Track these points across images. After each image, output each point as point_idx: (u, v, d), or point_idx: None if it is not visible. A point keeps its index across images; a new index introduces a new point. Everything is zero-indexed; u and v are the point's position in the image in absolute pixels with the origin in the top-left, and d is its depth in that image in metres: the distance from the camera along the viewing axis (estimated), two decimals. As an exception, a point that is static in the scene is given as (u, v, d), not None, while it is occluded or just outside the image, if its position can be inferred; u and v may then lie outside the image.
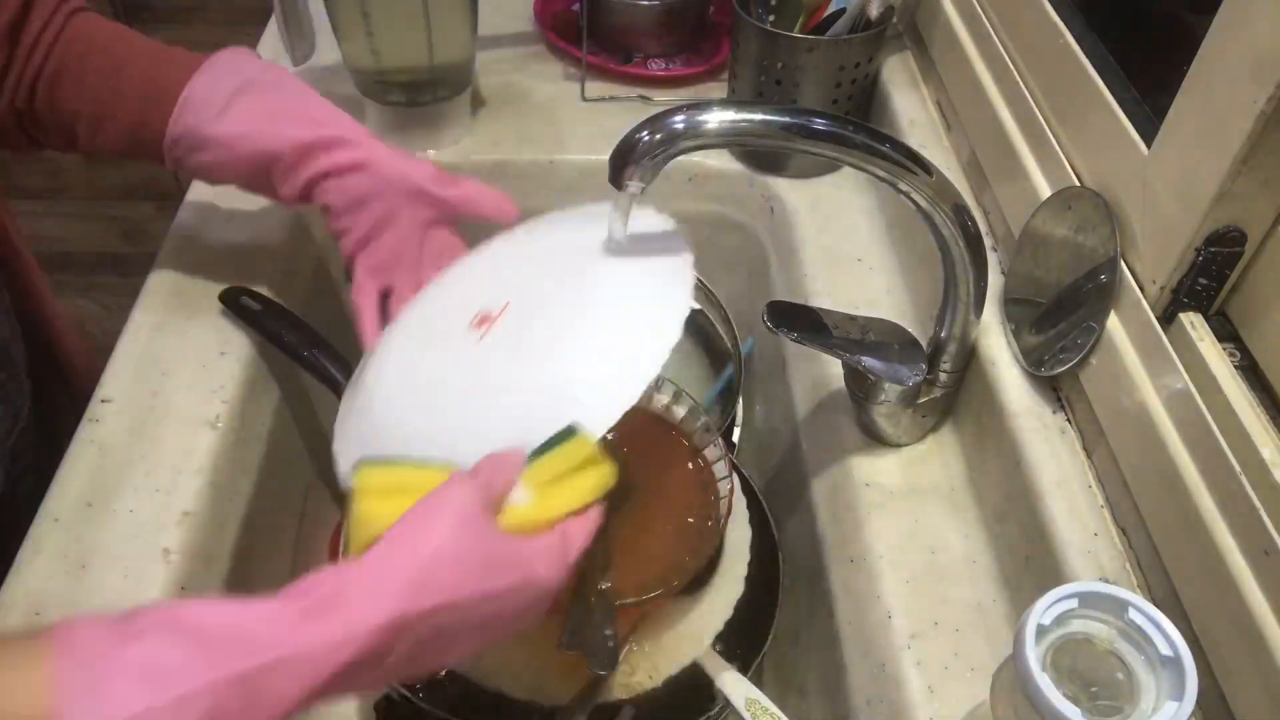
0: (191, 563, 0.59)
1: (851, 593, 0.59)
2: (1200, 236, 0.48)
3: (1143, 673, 0.38)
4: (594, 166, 0.86)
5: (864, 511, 0.61)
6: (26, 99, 0.62)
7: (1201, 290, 0.50)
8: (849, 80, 0.79)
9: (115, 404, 0.64)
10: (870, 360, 0.59)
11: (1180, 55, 0.49)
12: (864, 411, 0.63)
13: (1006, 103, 0.68)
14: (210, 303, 0.71)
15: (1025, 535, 0.55)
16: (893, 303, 0.74)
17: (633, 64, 0.96)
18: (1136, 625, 0.38)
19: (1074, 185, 0.59)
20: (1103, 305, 0.54)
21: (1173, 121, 0.50)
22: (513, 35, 1.00)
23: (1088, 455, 0.55)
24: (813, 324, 0.60)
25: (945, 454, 0.64)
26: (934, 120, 0.80)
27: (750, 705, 0.55)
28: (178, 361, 0.67)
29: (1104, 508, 0.53)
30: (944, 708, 0.51)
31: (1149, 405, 0.49)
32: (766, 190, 0.85)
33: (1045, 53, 0.64)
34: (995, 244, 0.68)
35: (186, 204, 0.79)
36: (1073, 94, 0.60)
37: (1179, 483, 0.46)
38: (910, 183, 0.51)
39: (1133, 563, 0.51)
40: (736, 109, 0.49)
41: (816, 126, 0.49)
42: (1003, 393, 0.58)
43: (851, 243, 0.79)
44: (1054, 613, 0.39)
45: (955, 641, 0.54)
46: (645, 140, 0.48)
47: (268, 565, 0.69)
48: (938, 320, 0.60)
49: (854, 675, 0.57)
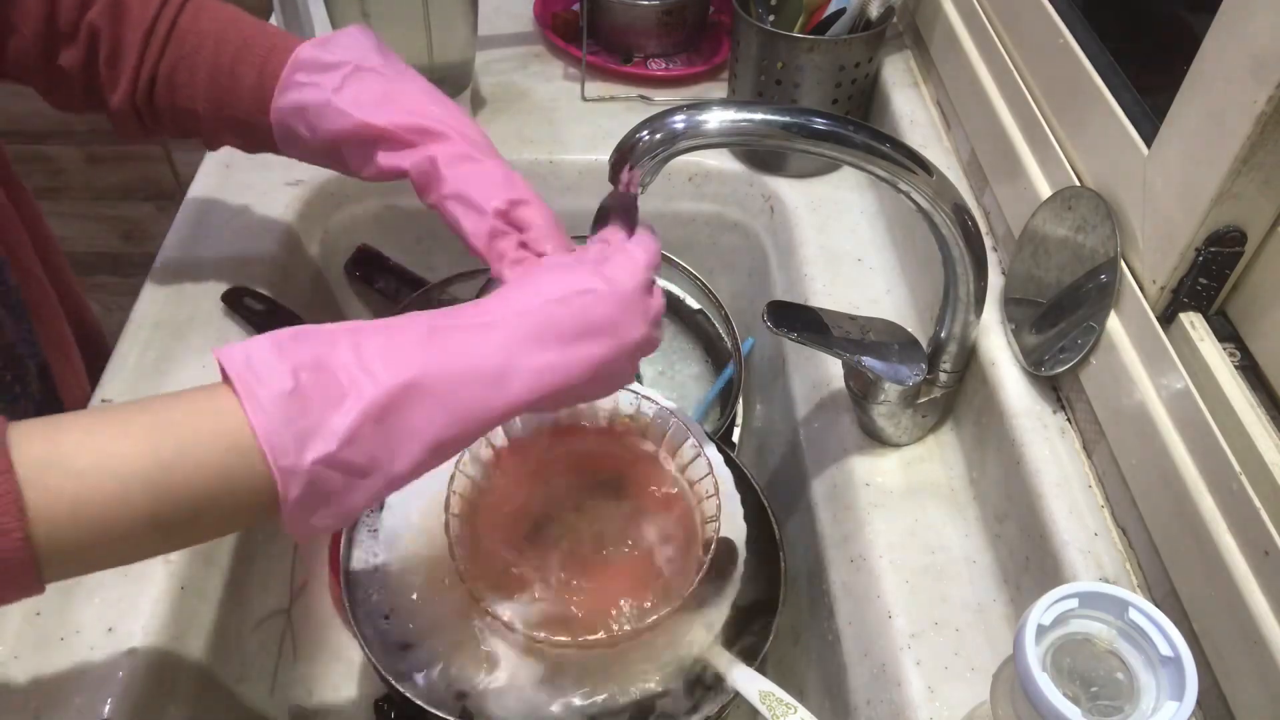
0: (192, 563, 0.59)
1: (851, 593, 0.59)
2: (1200, 236, 0.48)
3: (1143, 673, 0.38)
4: (594, 166, 0.86)
5: (864, 511, 0.61)
6: (146, 93, 0.61)
7: (1201, 290, 0.50)
8: (849, 80, 0.79)
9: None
10: (870, 360, 0.59)
11: (1180, 55, 0.49)
12: (864, 411, 0.63)
13: (1006, 103, 0.68)
14: (210, 303, 0.71)
15: (1025, 535, 0.55)
16: (893, 303, 0.74)
17: (633, 64, 0.96)
18: (1136, 625, 0.38)
19: (1074, 185, 0.59)
20: (1103, 305, 0.54)
21: (1173, 122, 0.50)
22: (513, 35, 1.00)
23: (1088, 455, 0.55)
24: (813, 324, 0.60)
25: (945, 454, 0.64)
26: (934, 120, 0.80)
27: (765, 698, 0.55)
28: (177, 361, 0.67)
29: (1104, 508, 0.53)
30: (944, 708, 0.51)
31: (1149, 405, 0.49)
32: (766, 190, 0.85)
33: (1045, 53, 0.64)
34: (995, 244, 0.68)
35: (186, 204, 0.79)
36: (1073, 94, 0.60)
37: (1179, 483, 0.46)
38: (910, 182, 0.51)
39: (1133, 563, 0.51)
40: (736, 109, 0.49)
41: (816, 126, 0.49)
42: (1003, 393, 0.58)
43: (851, 243, 0.79)
44: (1054, 613, 0.39)
45: (955, 641, 0.54)
46: (645, 140, 0.48)
47: (268, 565, 0.69)
48: (938, 320, 0.60)
49: (854, 675, 0.57)
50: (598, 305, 0.46)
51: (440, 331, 0.43)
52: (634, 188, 0.51)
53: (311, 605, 0.75)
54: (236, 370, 0.39)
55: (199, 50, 0.60)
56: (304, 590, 0.75)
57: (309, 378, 0.39)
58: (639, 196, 0.51)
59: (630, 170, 0.50)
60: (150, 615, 0.55)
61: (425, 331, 0.43)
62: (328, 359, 0.40)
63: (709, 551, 0.57)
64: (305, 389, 0.39)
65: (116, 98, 0.61)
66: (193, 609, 0.58)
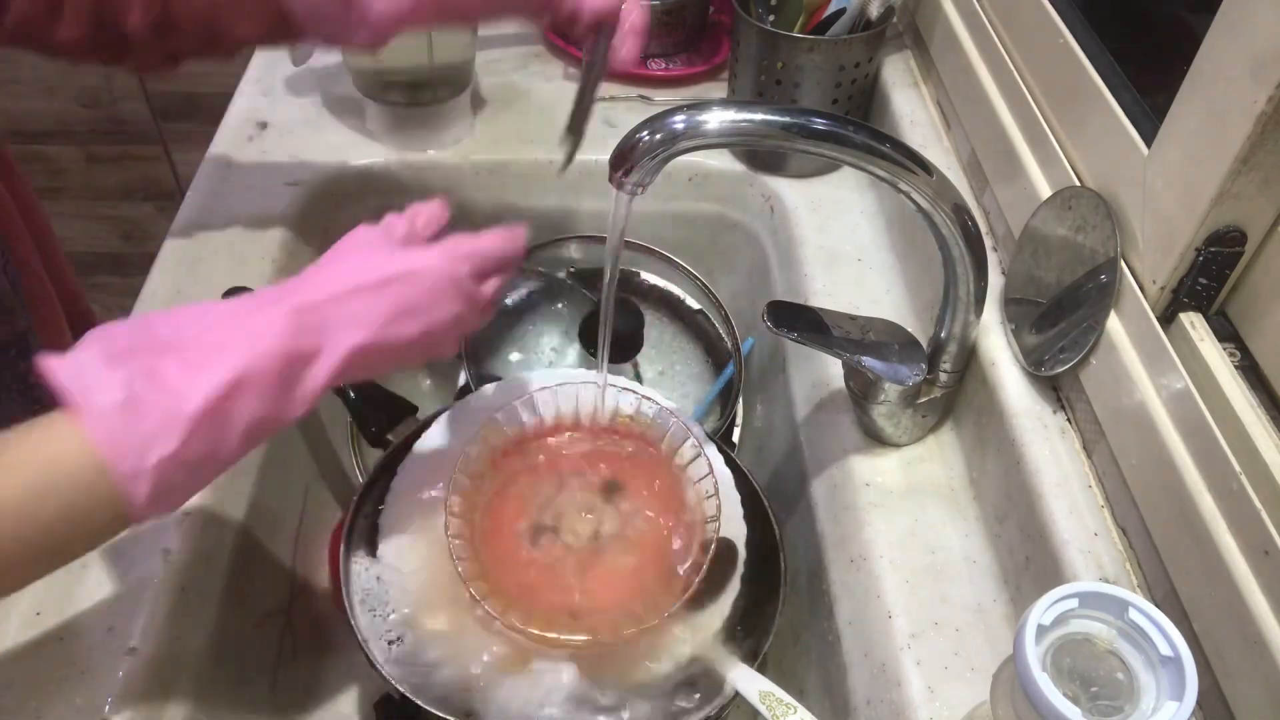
0: (192, 563, 0.59)
1: (851, 593, 0.59)
2: (1200, 236, 0.48)
3: (1143, 673, 0.38)
4: (594, 167, 0.85)
5: (864, 511, 0.61)
6: (161, 7, 0.59)
7: (1201, 290, 0.50)
8: (849, 80, 0.79)
9: (115, 404, 0.64)
10: (870, 360, 0.59)
11: (1180, 55, 0.49)
12: (864, 411, 0.63)
13: (1006, 103, 0.68)
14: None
15: (1025, 535, 0.55)
16: (893, 303, 0.74)
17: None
18: (1136, 625, 0.38)
19: (1074, 185, 0.59)
20: (1103, 305, 0.54)
21: (1173, 122, 0.50)
22: (513, 35, 1.00)
23: (1088, 455, 0.55)
24: (813, 324, 0.60)
25: (945, 454, 0.64)
26: (934, 120, 0.80)
27: (765, 698, 0.55)
28: (178, 361, 0.67)
29: (1104, 507, 0.53)
30: (944, 708, 0.51)
31: (1149, 405, 0.49)
32: (766, 190, 0.85)
33: (1045, 53, 0.64)
34: (995, 244, 0.68)
35: (186, 204, 0.79)
36: (1073, 94, 0.60)
37: (1179, 483, 0.46)
38: (910, 182, 0.51)
39: (1133, 563, 0.51)
40: (736, 109, 0.49)
41: (816, 126, 0.49)
42: (1003, 393, 0.58)
43: (851, 243, 0.79)
44: (1054, 613, 0.39)
45: (955, 641, 0.54)
46: (645, 140, 0.48)
47: (268, 565, 0.69)
48: (938, 320, 0.60)
49: (854, 675, 0.57)
50: (414, 291, 0.50)
51: (262, 313, 0.46)
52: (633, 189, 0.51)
53: (311, 605, 0.75)
54: (71, 387, 0.41)
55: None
56: (304, 590, 0.75)
57: (142, 385, 0.42)
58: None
59: (628, 172, 0.50)
60: (150, 615, 0.55)
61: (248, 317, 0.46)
62: (158, 367, 0.43)
63: (709, 551, 0.57)
64: (140, 396, 0.41)
65: (133, 18, 0.58)
66: (193, 609, 0.58)
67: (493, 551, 0.59)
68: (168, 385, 0.42)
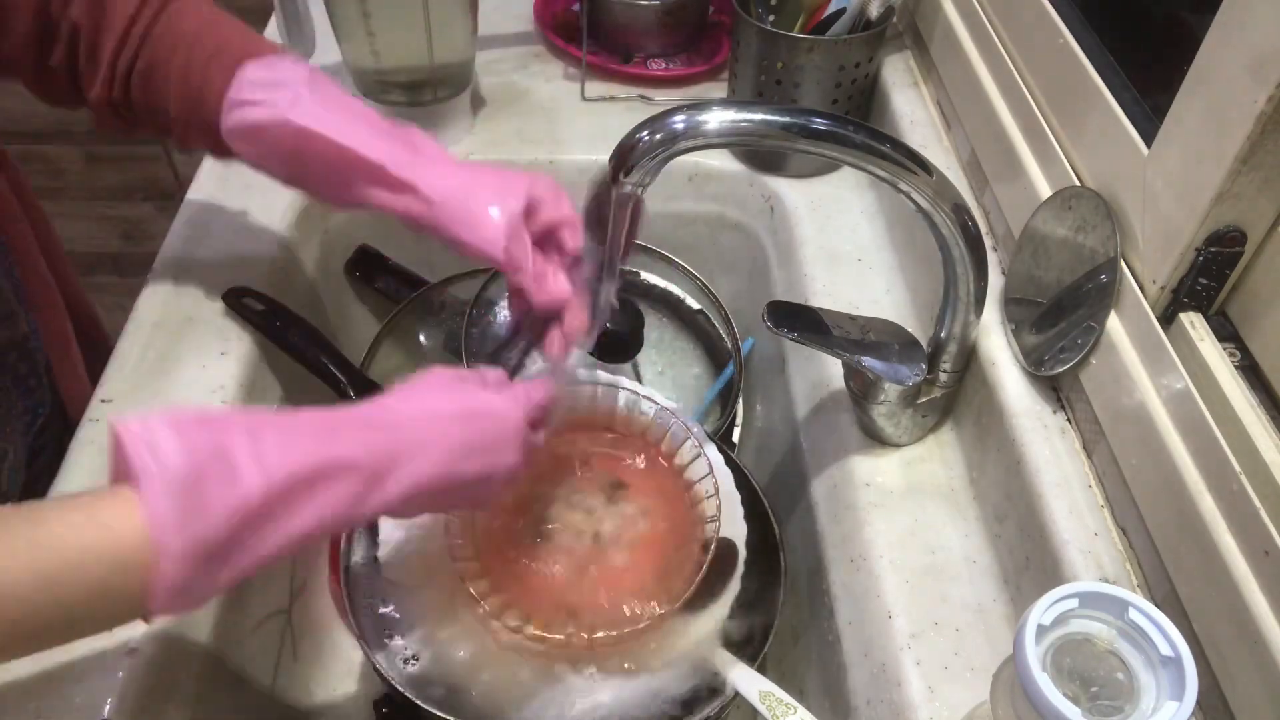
0: (192, 563, 0.58)
1: (851, 593, 0.59)
2: (1200, 236, 0.48)
3: (1143, 673, 0.38)
4: (594, 166, 0.86)
5: (864, 511, 0.61)
6: (122, 91, 0.61)
7: (1201, 290, 0.50)
8: (849, 80, 0.79)
9: (115, 404, 0.64)
10: (870, 360, 0.59)
11: (1180, 55, 0.49)
12: (864, 411, 0.63)
13: (1006, 103, 0.68)
14: (210, 303, 0.71)
15: (1025, 535, 0.55)
16: (893, 303, 0.74)
17: (633, 64, 0.96)
18: (1136, 625, 0.38)
19: (1074, 185, 0.59)
20: (1103, 305, 0.54)
21: (1173, 121, 0.50)
22: (513, 35, 1.00)
23: (1088, 455, 0.55)
24: (813, 324, 0.60)
25: (945, 454, 0.64)
26: (934, 120, 0.80)
27: (765, 698, 0.55)
28: (178, 361, 0.67)
29: (1104, 507, 0.53)
30: (944, 708, 0.51)
31: (1149, 405, 0.49)
32: (766, 190, 0.85)
33: (1045, 53, 0.64)
34: (995, 244, 0.68)
35: (186, 204, 0.79)
36: (1073, 94, 0.60)
37: (1179, 483, 0.46)
38: (910, 182, 0.51)
39: (1133, 563, 0.51)
40: (736, 109, 0.49)
41: (816, 126, 0.49)
42: (1003, 393, 0.58)
43: (851, 243, 0.79)
44: (1054, 613, 0.39)
45: (955, 641, 0.54)
46: (645, 140, 0.48)
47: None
48: (938, 320, 0.60)
49: (854, 675, 0.57)
50: (489, 429, 0.49)
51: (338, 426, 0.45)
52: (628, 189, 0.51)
53: (311, 605, 0.75)
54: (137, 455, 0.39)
55: (174, 52, 0.59)
56: (304, 590, 0.75)
57: (209, 465, 0.40)
58: (632, 197, 0.51)
59: (628, 172, 0.50)
60: (150, 615, 0.55)
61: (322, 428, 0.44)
62: (226, 445, 0.41)
63: (709, 551, 0.57)
64: (204, 475, 0.39)
65: (94, 92, 0.61)
66: (193, 609, 0.58)
67: (493, 551, 0.59)
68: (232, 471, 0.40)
